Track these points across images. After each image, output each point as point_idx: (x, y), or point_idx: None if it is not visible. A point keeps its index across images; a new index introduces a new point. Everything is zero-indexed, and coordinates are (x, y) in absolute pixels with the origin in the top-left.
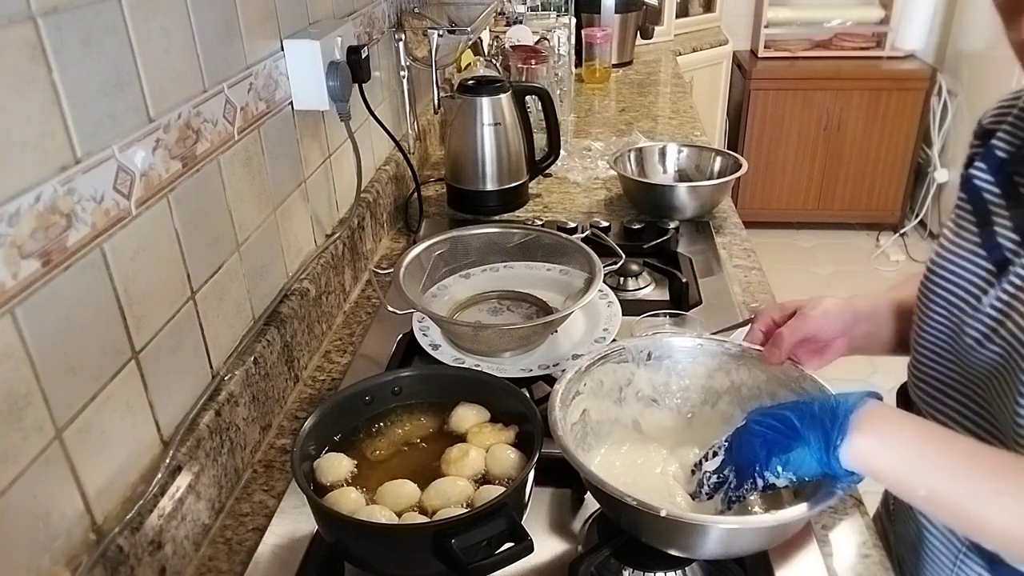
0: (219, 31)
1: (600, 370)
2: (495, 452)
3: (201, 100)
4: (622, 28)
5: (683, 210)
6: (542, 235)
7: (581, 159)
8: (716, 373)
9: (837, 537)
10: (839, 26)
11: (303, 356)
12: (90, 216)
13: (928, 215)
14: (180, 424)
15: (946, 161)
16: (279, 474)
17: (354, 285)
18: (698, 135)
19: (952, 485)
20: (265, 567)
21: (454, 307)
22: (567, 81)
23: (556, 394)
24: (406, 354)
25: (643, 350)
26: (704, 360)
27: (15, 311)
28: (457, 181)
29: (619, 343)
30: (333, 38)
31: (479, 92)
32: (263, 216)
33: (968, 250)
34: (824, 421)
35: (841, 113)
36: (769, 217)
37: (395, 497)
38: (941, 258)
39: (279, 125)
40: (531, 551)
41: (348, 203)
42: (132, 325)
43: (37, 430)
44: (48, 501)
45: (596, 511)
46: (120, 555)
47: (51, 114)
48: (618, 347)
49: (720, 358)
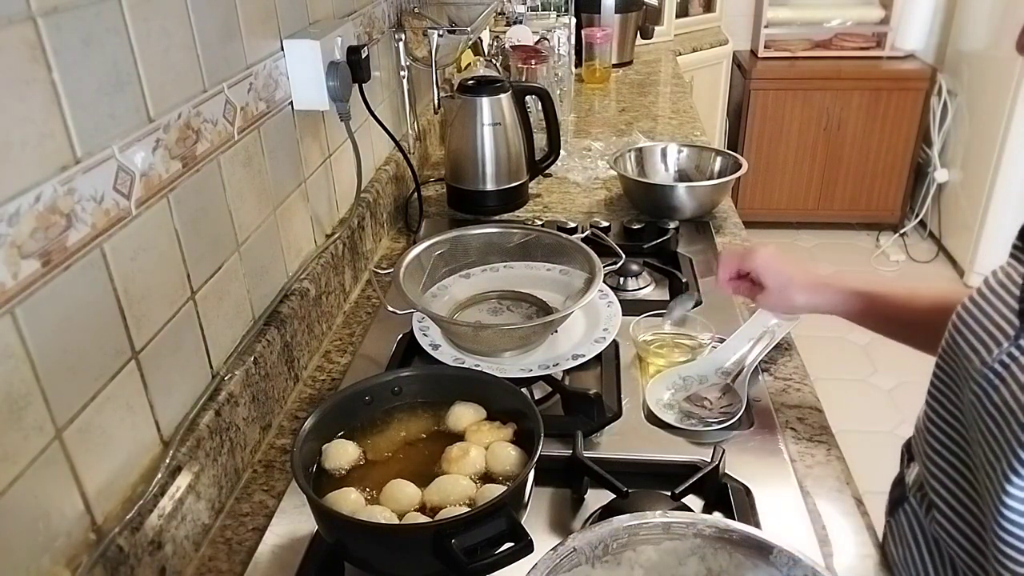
0: (219, 31)
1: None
2: (495, 450)
3: (201, 100)
4: (622, 28)
5: (683, 210)
6: (542, 235)
7: (581, 159)
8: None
9: (837, 537)
10: (839, 26)
11: (303, 356)
12: (90, 216)
13: (928, 215)
14: (180, 424)
15: (946, 161)
16: (279, 474)
17: (354, 285)
18: (698, 135)
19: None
20: (265, 567)
21: (454, 307)
22: (567, 81)
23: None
24: (406, 354)
25: (597, 545)
26: (672, 546)
27: (15, 311)
28: (457, 181)
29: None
30: (333, 38)
31: (479, 92)
32: (263, 216)
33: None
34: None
35: (841, 113)
36: (769, 217)
37: (396, 498)
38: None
39: (279, 125)
40: (531, 551)
41: (348, 203)
42: (132, 325)
43: (37, 430)
44: (48, 501)
45: (596, 511)
46: (120, 555)
47: (51, 114)
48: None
49: (692, 541)
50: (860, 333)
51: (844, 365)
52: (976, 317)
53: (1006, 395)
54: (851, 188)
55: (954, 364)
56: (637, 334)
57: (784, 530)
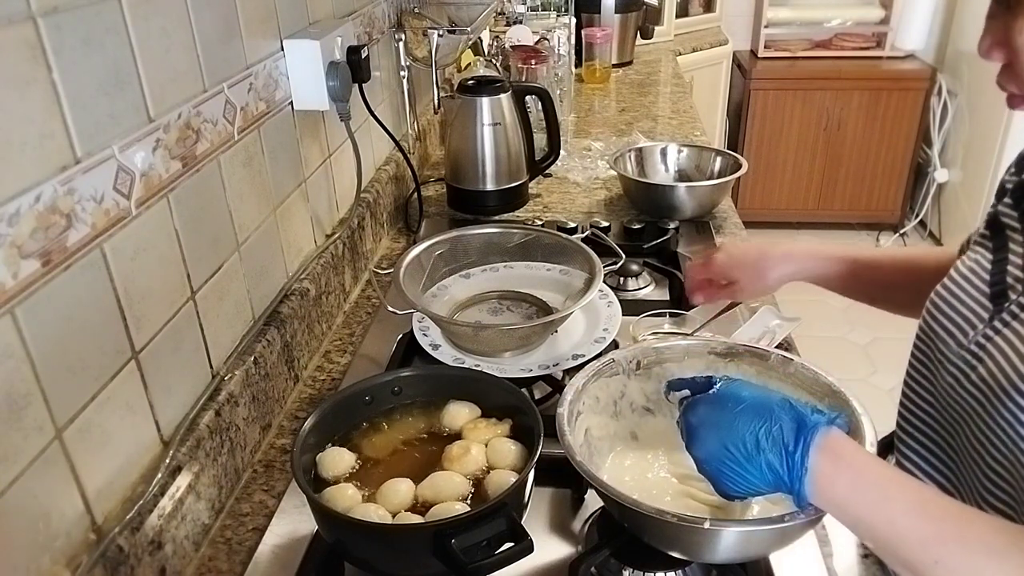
0: (219, 31)
1: (595, 386)
2: (495, 446)
3: (201, 100)
4: (622, 28)
5: (683, 210)
6: (542, 235)
7: (581, 159)
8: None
9: (837, 537)
10: (839, 26)
11: (303, 356)
12: (90, 216)
13: (928, 215)
14: (180, 424)
15: (946, 161)
16: (279, 474)
17: (354, 285)
18: (698, 135)
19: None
20: (265, 567)
21: (454, 307)
22: (567, 81)
23: (561, 418)
24: (406, 354)
25: (632, 360)
26: (692, 362)
27: (15, 311)
28: (457, 181)
29: (608, 355)
30: (333, 38)
31: (479, 92)
32: (263, 216)
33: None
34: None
35: (841, 113)
36: (769, 217)
37: (390, 496)
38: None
39: (279, 125)
40: (531, 551)
41: (348, 203)
42: (132, 325)
43: (37, 430)
44: (48, 501)
45: (596, 511)
46: (120, 555)
47: (51, 114)
48: (608, 360)
49: (707, 358)
50: (860, 333)
51: (844, 365)
52: (950, 302)
53: (984, 373)
54: (851, 188)
55: (930, 349)
56: (637, 334)
57: None
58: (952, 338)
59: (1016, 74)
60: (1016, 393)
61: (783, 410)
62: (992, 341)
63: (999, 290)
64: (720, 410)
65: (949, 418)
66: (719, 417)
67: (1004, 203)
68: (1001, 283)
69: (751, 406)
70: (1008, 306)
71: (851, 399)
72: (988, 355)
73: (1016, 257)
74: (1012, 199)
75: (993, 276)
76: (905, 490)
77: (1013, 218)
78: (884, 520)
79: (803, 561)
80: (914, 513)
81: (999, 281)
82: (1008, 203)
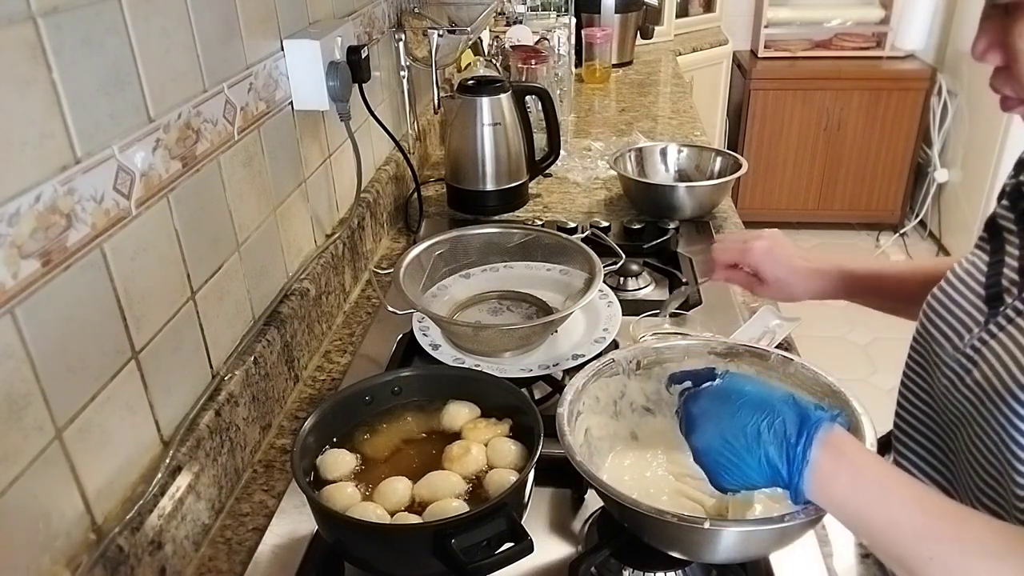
0: (219, 31)
1: (595, 386)
2: (496, 445)
3: (201, 100)
4: (622, 28)
5: (683, 210)
6: (542, 235)
7: (581, 159)
8: None
9: (837, 537)
10: (839, 26)
11: (303, 356)
12: (90, 216)
13: (928, 215)
14: (180, 424)
15: (946, 161)
16: (279, 474)
17: (354, 285)
18: (698, 135)
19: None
20: (265, 567)
21: (454, 307)
22: (567, 81)
23: (561, 418)
24: (406, 354)
25: (632, 360)
26: (692, 362)
27: (15, 311)
28: (457, 181)
29: (608, 355)
30: (333, 38)
31: (479, 92)
32: (263, 216)
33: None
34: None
35: (841, 113)
36: (769, 217)
37: (388, 495)
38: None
39: (279, 125)
40: (531, 551)
41: (348, 203)
42: (132, 325)
43: (37, 430)
44: (48, 501)
45: (596, 511)
46: (120, 555)
47: (51, 114)
48: (608, 360)
49: (707, 358)
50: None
51: (844, 365)
52: (946, 305)
53: (978, 377)
54: (851, 188)
55: (927, 351)
56: (637, 334)
57: None
58: (948, 341)
59: (1014, 77)
60: (1011, 397)
61: (786, 404)
62: (987, 345)
63: (994, 293)
64: (722, 402)
65: (945, 420)
66: (721, 408)
67: (1001, 205)
68: (996, 286)
69: (753, 399)
70: (1003, 310)
71: (851, 399)
72: (983, 359)
73: (1012, 260)
74: (1008, 201)
75: (989, 279)
76: (904, 488)
77: (1009, 220)
78: (882, 516)
79: (803, 561)
80: (912, 510)
81: (995, 284)
82: (1005, 205)
